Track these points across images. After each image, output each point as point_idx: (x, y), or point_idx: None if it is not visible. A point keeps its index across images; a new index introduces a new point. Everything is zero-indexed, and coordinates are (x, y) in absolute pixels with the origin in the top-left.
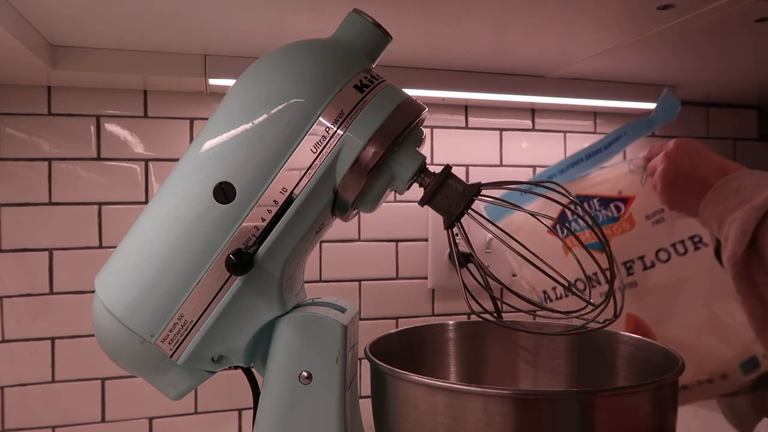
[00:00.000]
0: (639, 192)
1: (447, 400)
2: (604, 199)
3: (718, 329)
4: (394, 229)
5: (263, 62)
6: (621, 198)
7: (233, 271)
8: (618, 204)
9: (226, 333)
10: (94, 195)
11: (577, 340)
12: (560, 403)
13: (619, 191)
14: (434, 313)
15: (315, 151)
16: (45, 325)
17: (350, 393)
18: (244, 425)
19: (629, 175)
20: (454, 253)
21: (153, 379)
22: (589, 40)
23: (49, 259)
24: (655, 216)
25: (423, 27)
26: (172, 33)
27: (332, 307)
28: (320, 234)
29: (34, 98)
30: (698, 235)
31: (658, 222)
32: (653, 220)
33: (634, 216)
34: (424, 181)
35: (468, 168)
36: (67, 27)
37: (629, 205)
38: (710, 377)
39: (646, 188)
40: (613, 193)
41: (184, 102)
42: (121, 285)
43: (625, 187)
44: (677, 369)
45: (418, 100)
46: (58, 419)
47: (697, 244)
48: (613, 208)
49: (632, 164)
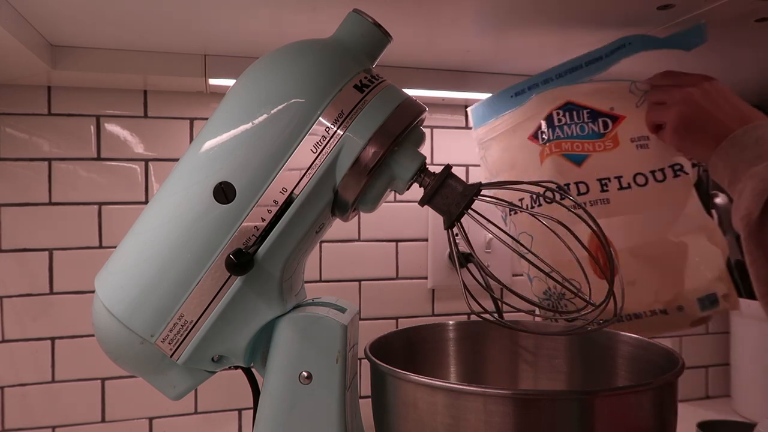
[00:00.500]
0: (630, 113)
1: (447, 400)
2: (595, 112)
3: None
4: (394, 229)
5: (263, 62)
6: (611, 115)
7: (233, 271)
8: (606, 120)
9: (226, 333)
10: (94, 195)
11: (577, 340)
12: (560, 403)
13: (611, 107)
14: (434, 313)
15: (315, 151)
16: (45, 325)
17: (350, 393)
18: (244, 425)
19: (627, 94)
20: (454, 253)
21: (153, 379)
22: (588, 40)
23: (49, 259)
24: (640, 141)
25: (423, 27)
26: (172, 33)
27: (332, 307)
28: (320, 234)
29: (34, 98)
30: (679, 164)
31: (641, 147)
32: (638, 143)
33: (619, 136)
34: (424, 181)
35: (468, 168)
36: (67, 27)
37: (617, 125)
38: (665, 307)
39: (638, 111)
40: (604, 108)
41: (184, 102)
42: (121, 285)
43: (618, 105)
44: (677, 369)
45: (418, 100)
46: (58, 419)
47: (677, 172)
48: (601, 124)
49: (635, 85)
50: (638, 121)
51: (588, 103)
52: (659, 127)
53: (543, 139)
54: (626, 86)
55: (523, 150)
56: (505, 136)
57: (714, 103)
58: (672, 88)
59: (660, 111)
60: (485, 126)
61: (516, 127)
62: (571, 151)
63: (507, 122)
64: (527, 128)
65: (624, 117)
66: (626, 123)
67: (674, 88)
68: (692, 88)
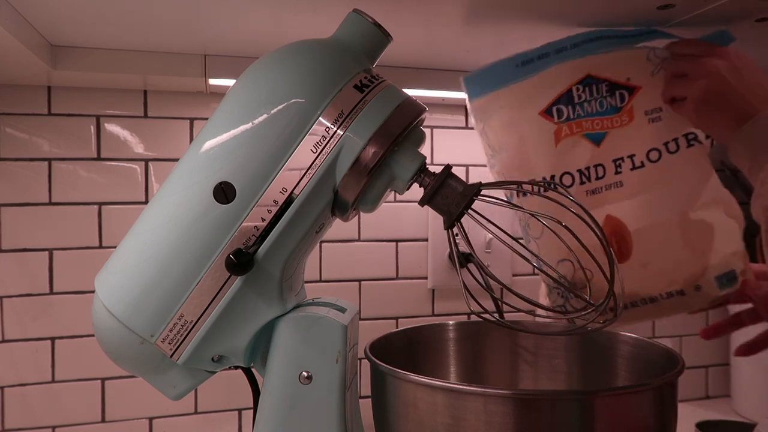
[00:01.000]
0: (646, 83)
1: (447, 400)
2: (613, 84)
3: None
4: (394, 229)
5: (263, 62)
6: (628, 86)
7: (233, 271)
8: (623, 92)
9: (226, 333)
10: (94, 195)
11: (577, 340)
12: (560, 403)
13: (627, 78)
14: (434, 313)
15: (315, 151)
16: (45, 325)
17: (350, 393)
18: (244, 425)
19: (644, 62)
20: (454, 253)
21: (153, 379)
22: None
23: (49, 259)
24: (654, 114)
25: (423, 27)
26: (172, 33)
27: (332, 307)
28: (320, 234)
29: (34, 98)
30: (693, 133)
31: (654, 120)
32: (651, 117)
33: (634, 109)
34: (424, 181)
35: (468, 168)
36: (68, 27)
37: (633, 96)
38: (682, 288)
39: (653, 80)
40: (621, 79)
41: (184, 102)
42: (121, 285)
43: (635, 75)
44: (677, 369)
45: (418, 100)
46: (58, 419)
47: (690, 141)
48: (618, 97)
49: (653, 52)
50: (653, 92)
51: (606, 74)
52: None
53: (560, 116)
54: (644, 53)
55: (532, 126)
56: (510, 110)
57: (741, 79)
58: (696, 58)
59: (681, 83)
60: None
61: (524, 101)
62: (591, 130)
63: (513, 94)
64: (539, 103)
65: (640, 88)
66: (641, 94)
67: (699, 59)
68: (719, 60)
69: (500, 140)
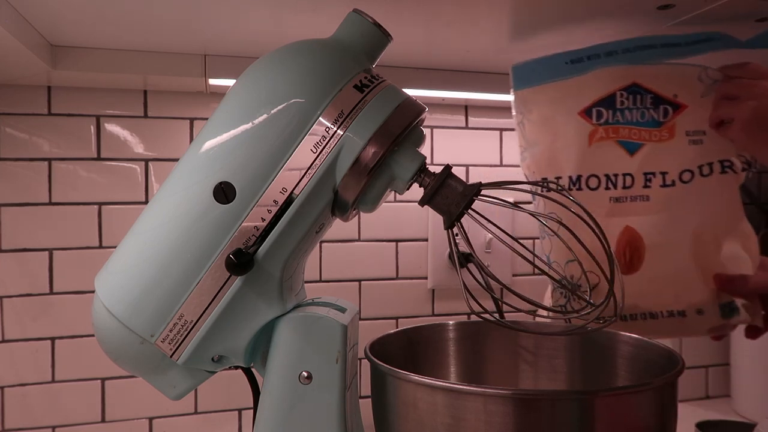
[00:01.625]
0: (693, 102)
1: (447, 400)
2: (658, 97)
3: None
4: (394, 229)
5: (263, 62)
6: (673, 102)
7: (233, 271)
8: (667, 108)
9: (226, 333)
10: (94, 195)
11: (577, 340)
12: (560, 403)
13: (675, 94)
14: (434, 313)
15: (315, 151)
16: (45, 325)
17: (350, 393)
18: (244, 425)
19: (694, 81)
20: (454, 253)
21: (153, 379)
22: (589, 40)
23: (49, 259)
24: (696, 135)
25: (423, 27)
26: (172, 33)
27: (332, 307)
28: (320, 234)
29: (34, 98)
30: (729, 160)
31: (695, 142)
32: (692, 138)
33: (676, 127)
34: (424, 181)
35: (468, 168)
36: (68, 27)
37: (678, 114)
38: (685, 309)
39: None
40: (668, 94)
41: (184, 102)
42: (121, 285)
43: (682, 93)
44: (677, 369)
45: (418, 100)
46: (58, 419)
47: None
48: (662, 111)
49: (706, 72)
50: (699, 113)
51: (653, 86)
52: (722, 123)
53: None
54: (695, 72)
55: (569, 124)
56: (551, 104)
57: None
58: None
59: (730, 105)
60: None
61: (566, 98)
62: (628, 138)
63: (557, 89)
64: (580, 102)
65: (686, 107)
66: (686, 113)
67: (750, 81)
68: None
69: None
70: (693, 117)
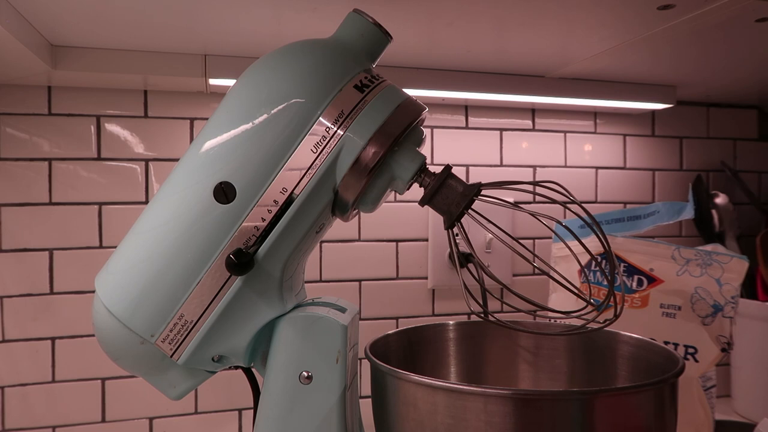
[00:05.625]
0: (669, 279)
1: (447, 400)
2: (634, 268)
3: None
4: (394, 229)
5: (263, 62)
6: (649, 275)
7: (233, 271)
8: (642, 279)
9: (227, 333)
10: (94, 195)
11: (577, 340)
12: (560, 403)
13: (651, 268)
14: (434, 313)
15: (315, 151)
16: (45, 325)
17: (350, 393)
18: (244, 425)
19: (669, 259)
20: (454, 253)
21: (153, 379)
22: (589, 39)
23: (49, 259)
24: (669, 309)
25: (423, 27)
26: (172, 33)
27: (332, 307)
28: (320, 234)
29: (35, 98)
30: (694, 347)
31: (668, 315)
32: (665, 311)
33: (650, 298)
34: (425, 181)
35: (468, 168)
36: (68, 27)
37: (652, 286)
38: None
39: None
40: (644, 267)
41: (184, 102)
42: (122, 285)
43: (659, 269)
44: (677, 369)
45: (418, 100)
46: (58, 419)
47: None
48: (636, 281)
49: (678, 252)
50: (673, 290)
51: (629, 258)
52: None
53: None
54: (669, 251)
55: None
56: (565, 261)
57: None
58: None
59: None
60: (556, 244)
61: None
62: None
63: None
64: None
65: (661, 282)
66: (661, 288)
67: None
68: None
69: None
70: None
